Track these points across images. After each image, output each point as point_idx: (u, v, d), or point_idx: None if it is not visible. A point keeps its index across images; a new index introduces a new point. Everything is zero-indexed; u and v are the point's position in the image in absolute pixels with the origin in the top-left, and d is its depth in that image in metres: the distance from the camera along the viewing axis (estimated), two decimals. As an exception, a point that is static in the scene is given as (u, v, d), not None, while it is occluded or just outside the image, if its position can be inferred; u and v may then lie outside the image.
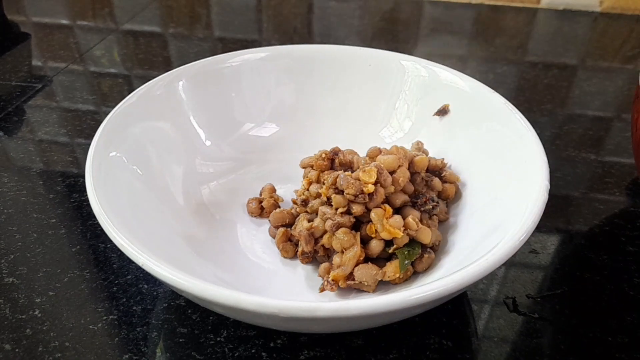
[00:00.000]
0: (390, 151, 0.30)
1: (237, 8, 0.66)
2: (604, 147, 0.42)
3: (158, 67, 0.53)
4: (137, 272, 0.31)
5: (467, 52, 0.58)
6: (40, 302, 0.29)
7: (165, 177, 0.32)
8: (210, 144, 0.36)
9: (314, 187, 0.30)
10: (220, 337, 0.27)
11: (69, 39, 0.59)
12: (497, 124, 0.32)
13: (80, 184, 0.37)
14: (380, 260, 0.28)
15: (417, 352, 0.26)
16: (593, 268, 0.31)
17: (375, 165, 0.28)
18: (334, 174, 0.28)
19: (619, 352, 0.27)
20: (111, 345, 0.27)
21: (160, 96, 0.34)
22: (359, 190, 0.27)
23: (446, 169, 0.32)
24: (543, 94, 0.49)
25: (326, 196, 0.29)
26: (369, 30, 0.63)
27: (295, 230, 0.30)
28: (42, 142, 0.42)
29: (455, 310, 0.28)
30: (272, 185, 0.34)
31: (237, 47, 0.52)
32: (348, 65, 0.39)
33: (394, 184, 0.28)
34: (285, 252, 0.30)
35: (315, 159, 0.32)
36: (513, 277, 0.31)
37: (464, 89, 0.35)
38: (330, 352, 0.26)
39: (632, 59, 0.56)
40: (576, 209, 0.36)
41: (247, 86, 0.38)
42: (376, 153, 0.31)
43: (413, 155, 0.30)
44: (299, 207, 0.31)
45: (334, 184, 0.28)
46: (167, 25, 0.62)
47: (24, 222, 0.34)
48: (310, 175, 0.31)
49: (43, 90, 0.49)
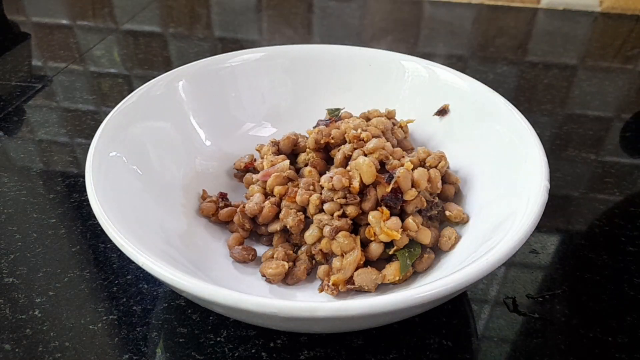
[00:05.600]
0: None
1: (237, 8, 0.66)
2: (604, 147, 0.42)
3: (158, 67, 0.53)
4: (137, 272, 0.31)
5: (467, 52, 0.58)
6: (40, 302, 0.29)
7: (165, 177, 0.32)
8: (210, 144, 0.36)
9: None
10: (220, 337, 0.27)
11: (69, 39, 0.59)
12: (497, 124, 0.32)
13: (80, 184, 0.37)
14: (380, 260, 0.28)
15: (417, 352, 0.26)
16: (593, 268, 0.31)
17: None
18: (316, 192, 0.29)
19: (619, 352, 0.27)
20: (111, 345, 0.27)
21: (160, 96, 0.34)
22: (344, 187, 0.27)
23: (446, 169, 0.32)
24: (543, 94, 0.49)
25: (318, 208, 0.29)
26: (369, 30, 0.63)
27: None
28: (42, 142, 0.42)
29: (455, 310, 0.28)
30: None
31: (237, 47, 0.52)
32: (348, 65, 0.39)
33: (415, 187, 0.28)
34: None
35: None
36: (513, 277, 0.31)
37: (464, 89, 0.35)
38: (330, 352, 0.26)
39: (632, 59, 0.56)
40: (576, 209, 0.36)
41: (247, 86, 0.38)
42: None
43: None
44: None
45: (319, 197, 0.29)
46: (167, 25, 0.62)
47: (24, 222, 0.34)
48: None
49: (43, 90, 0.49)
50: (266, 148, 0.34)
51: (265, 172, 0.32)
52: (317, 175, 0.31)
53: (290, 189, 0.30)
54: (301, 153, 0.34)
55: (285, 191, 0.30)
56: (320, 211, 0.29)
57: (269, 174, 0.31)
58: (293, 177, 0.31)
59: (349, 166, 0.29)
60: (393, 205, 0.28)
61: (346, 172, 0.28)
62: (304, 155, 0.33)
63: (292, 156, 0.34)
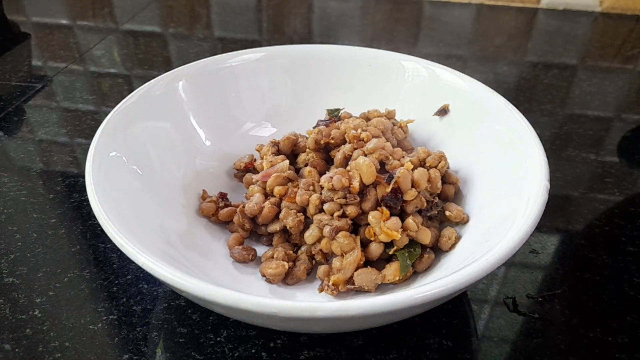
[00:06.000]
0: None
1: (237, 8, 0.66)
2: (604, 147, 0.42)
3: (158, 67, 0.53)
4: (137, 272, 0.31)
5: (467, 52, 0.58)
6: (40, 302, 0.29)
7: (165, 177, 0.32)
8: (210, 144, 0.36)
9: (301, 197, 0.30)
10: (220, 337, 0.27)
11: (69, 39, 0.59)
12: (497, 124, 0.32)
13: (80, 184, 0.37)
14: (380, 260, 0.28)
15: (417, 352, 0.26)
16: (593, 268, 0.31)
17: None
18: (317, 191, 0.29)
19: (619, 352, 0.27)
20: (111, 345, 0.27)
21: (160, 96, 0.34)
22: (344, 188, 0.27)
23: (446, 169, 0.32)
24: (543, 94, 0.49)
25: (318, 208, 0.29)
26: (369, 30, 0.63)
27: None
28: (42, 142, 0.42)
29: (455, 310, 0.28)
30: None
31: (237, 47, 0.52)
32: (348, 65, 0.39)
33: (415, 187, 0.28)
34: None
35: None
36: (513, 277, 0.31)
37: (464, 89, 0.35)
38: (330, 352, 0.26)
39: (632, 59, 0.56)
40: (576, 209, 0.36)
41: (247, 86, 0.38)
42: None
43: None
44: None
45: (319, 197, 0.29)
46: (167, 25, 0.62)
47: (24, 222, 0.34)
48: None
49: (43, 90, 0.49)
50: (266, 148, 0.34)
51: (265, 172, 0.32)
52: (317, 176, 0.31)
53: (290, 190, 0.30)
54: (301, 153, 0.34)
55: (285, 191, 0.30)
56: (320, 211, 0.29)
57: (269, 174, 0.31)
58: (293, 177, 0.31)
59: (349, 166, 0.29)
60: (393, 205, 0.28)
61: (346, 172, 0.28)
62: (303, 155, 0.33)
63: (292, 156, 0.34)
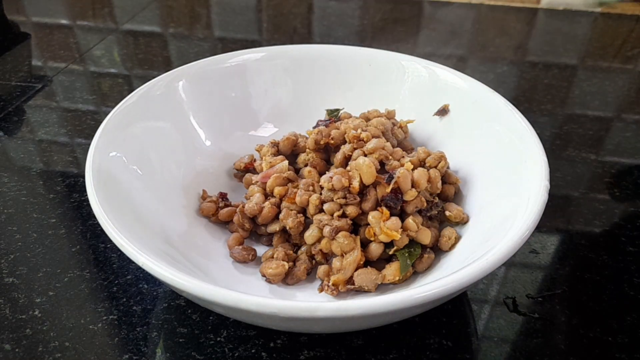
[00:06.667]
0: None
1: (237, 8, 0.66)
2: (604, 147, 0.42)
3: (158, 67, 0.53)
4: (137, 272, 0.31)
5: (467, 52, 0.58)
6: (40, 302, 0.29)
7: (165, 177, 0.32)
8: (210, 144, 0.36)
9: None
10: (220, 337, 0.27)
11: (69, 39, 0.59)
12: (497, 124, 0.32)
13: (80, 184, 0.37)
14: (380, 260, 0.28)
15: (417, 352, 0.26)
16: (593, 268, 0.31)
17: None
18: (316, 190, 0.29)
19: (619, 352, 0.27)
20: (111, 345, 0.27)
21: (160, 96, 0.34)
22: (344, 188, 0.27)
23: (446, 169, 0.32)
24: (543, 94, 0.49)
25: (318, 208, 0.29)
26: (369, 30, 0.63)
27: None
28: (42, 142, 0.42)
29: (455, 310, 0.28)
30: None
31: (237, 47, 0.52)
32: (348, 65, 0.39)
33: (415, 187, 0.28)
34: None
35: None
36: (513, 277, 0.31)
37: (464, 89, 0.35)
38: (330, 352, 0.26)
39: (632, 59, 0.56)
40: (576, 209, 0.36)
41: (247, 86, 0.38)
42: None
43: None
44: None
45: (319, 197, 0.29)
46: (167, 25, 0.62)
47: (24, 222, 0.34)
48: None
49: (43, 90, 0.49)
50: (265, 149, 0.34)
51: (265, 173, 0.32)
52: (317, 176, 0.31)
53: (290, 190, 0.30)
54: (301, 153, 0.34)
55: (285, 192, 0.30)
56: (320, 211, 0.29)
57: (269, 175, 0.31)
58: (292, 177, 0.31)
59: (348, 166, 0.29)
60: (393, 205, 0.28)
61: (346, 172, 0.28)
62: (303, 155, 0.33)
63: (292, 156, 0.34)
